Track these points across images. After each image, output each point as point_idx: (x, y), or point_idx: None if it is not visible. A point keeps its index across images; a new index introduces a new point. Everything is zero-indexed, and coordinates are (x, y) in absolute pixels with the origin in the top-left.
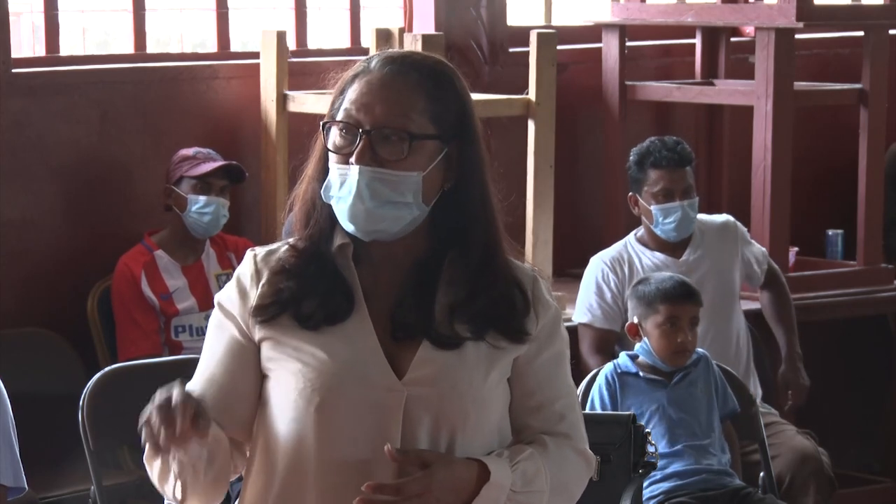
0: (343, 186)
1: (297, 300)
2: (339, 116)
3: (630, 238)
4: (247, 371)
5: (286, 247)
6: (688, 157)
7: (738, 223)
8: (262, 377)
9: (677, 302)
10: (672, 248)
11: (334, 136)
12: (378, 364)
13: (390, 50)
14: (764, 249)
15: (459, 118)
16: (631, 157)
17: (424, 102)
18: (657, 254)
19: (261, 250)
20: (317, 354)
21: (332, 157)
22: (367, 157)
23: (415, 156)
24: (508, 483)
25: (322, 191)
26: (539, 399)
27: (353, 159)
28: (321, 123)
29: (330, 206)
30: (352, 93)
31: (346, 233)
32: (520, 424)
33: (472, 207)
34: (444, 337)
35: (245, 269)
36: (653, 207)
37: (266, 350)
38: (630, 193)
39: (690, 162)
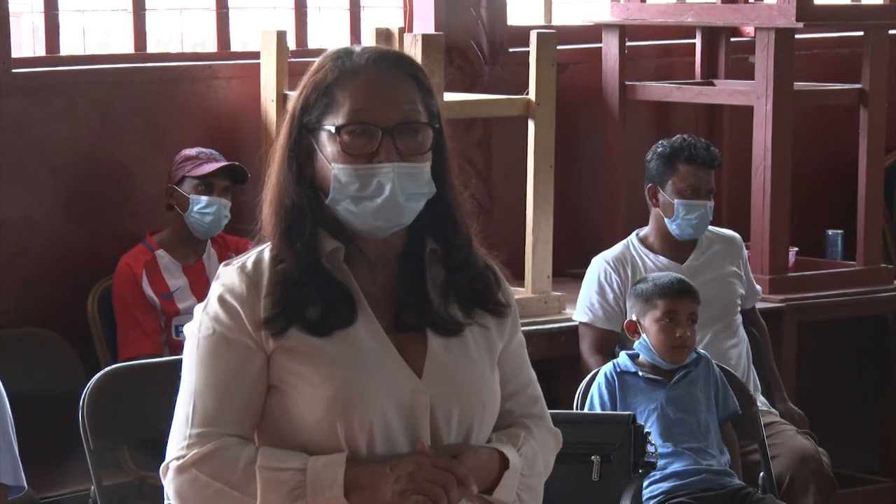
0: (371, 186)
1: (302, 308)
2: (345, 119)
3: (632, 238)
4: (261, 381)
5: (270, 257)
6: (718, 160)
7: (744, 245)
8: (269, 387)
9: (675, 297)
10: (676, 252)
11: (344, 138)
12: (399, 366)
13: (361, 46)
14: (760, 288)
15: (437, 107)
16: (658, 150)
17: (420, 94)
18: (661, 257)
19: (246, 262)
20: (338, 363)
21: (339, 158)
22: (394, 154)
23: (429, 146)
24: (520, 467)
25: (333, 192)
26: (515, 385)
27: (380, 158)
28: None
29: (318, 212)
30: (349, 94)
31: (332, 236)
32: (500, 411)
33: (451, 192)
34: (444, 322)
35: (234, 282)
36: (676, 201)
37: (282, 361)
38: (650, 185)
39: (719, 166)
